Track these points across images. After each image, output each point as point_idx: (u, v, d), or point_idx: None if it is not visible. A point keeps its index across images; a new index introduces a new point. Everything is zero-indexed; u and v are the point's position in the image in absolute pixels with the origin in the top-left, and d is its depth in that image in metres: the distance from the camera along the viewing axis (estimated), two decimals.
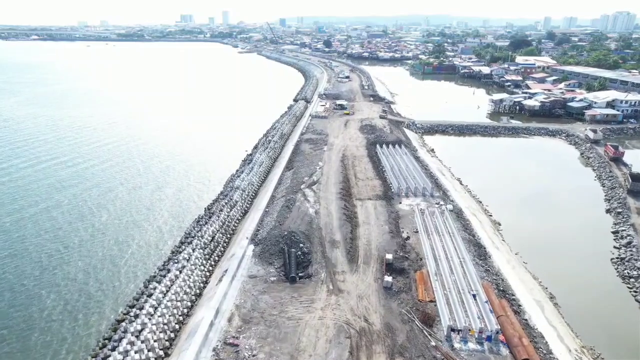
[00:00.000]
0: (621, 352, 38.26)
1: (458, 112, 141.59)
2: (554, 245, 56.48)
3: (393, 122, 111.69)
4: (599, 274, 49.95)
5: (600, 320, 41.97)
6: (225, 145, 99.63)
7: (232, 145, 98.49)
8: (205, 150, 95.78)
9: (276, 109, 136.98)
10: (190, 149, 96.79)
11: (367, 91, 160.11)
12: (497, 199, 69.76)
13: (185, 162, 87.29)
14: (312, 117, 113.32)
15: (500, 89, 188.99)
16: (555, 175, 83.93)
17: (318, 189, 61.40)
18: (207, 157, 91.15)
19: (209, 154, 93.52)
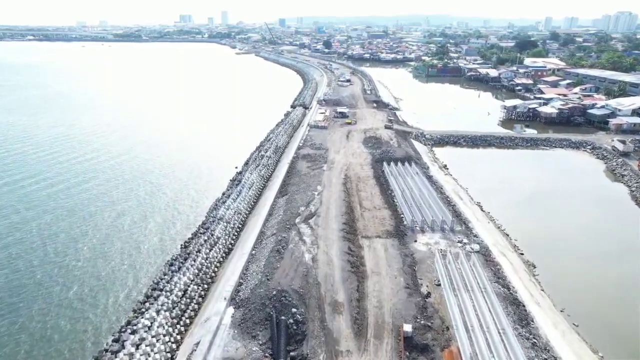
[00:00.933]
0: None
1: (467, 119, 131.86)
2: (603, 295, 46.22)
3: (400, 132, 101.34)
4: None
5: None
6: (217, 159, 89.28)
7: (225, 159, 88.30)
8: (196, 164, 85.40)
9: (272, 116, 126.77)
10: (180, 163, 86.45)
11: (369, 96, 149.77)
12: (525, 229, 59.48)
13: (174, 181, 76.96)
14: (310, 127, 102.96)
15: (510, 93, 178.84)
16: (586, 197, 73.60)
17: (316, 224, 51.04)
18: (197, 172, 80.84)
19: (200, 167, 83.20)
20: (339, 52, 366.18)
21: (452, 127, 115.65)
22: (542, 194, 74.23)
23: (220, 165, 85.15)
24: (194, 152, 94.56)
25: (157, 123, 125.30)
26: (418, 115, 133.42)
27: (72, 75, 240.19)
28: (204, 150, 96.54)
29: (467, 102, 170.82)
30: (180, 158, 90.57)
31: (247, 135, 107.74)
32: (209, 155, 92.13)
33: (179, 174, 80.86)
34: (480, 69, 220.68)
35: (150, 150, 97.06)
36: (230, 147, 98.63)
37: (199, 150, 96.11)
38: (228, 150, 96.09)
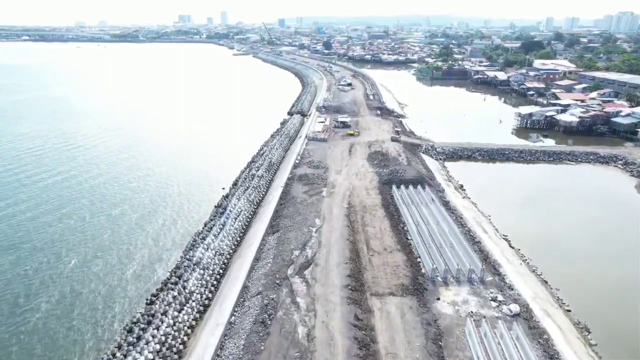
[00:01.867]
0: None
1: (478, 128, 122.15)
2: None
3: (408, 145, 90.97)
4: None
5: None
6: (206, 177, 78.89)
7: (213, 176, 77.99)
8: (183, 184, 75.03)
9: (267, 124, 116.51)
10: (167, 183, 76.10)
11: (372, 102, 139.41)
12: (564, 273, 49.30)
13: (158, 206, 66.61)
14: (308, 140, 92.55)
15: (521, 98, 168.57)
16: (627, 224, 63.23)
17: (313, 277, 40.69)
18: (184, 194, 70.48)
19: (187, 188, 72.81)
20: (339, 53, 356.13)
21: (463, 137, 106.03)
22: (575, 223, 63.80)
23: (208, 185, 74.87)
24: (182, 170, 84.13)
25: (140, 134, 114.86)
26: (425, 123, 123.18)
27: (61, 78, 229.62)
28: (193, 168, 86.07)
29: (475, 107, 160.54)
30: (167, 176, 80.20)
31: (238, 148, 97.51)
32: (198, 173, 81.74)
33: (165, 196, 70.50)
34: (487, 71, 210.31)
35: (133, 171, 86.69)
36: (219, 162, 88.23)
37: (187, 169, 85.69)
38: (217, 166, 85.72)
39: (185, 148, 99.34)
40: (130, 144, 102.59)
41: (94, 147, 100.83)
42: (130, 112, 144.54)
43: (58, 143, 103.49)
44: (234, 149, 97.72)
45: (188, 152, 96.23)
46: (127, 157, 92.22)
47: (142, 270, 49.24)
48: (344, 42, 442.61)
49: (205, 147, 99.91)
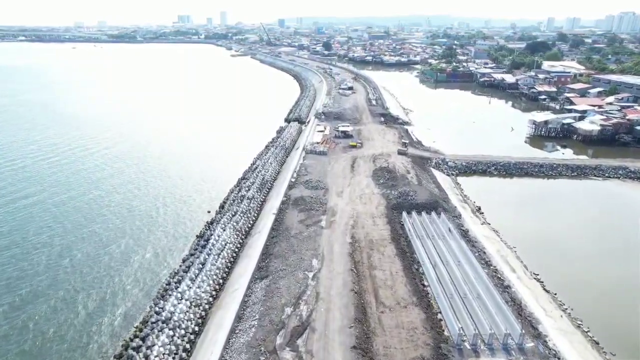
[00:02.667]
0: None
1: (489, 136, 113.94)
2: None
3: (416, 159, 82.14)
4: None
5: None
6: (192, 199, 70.09)
7: (201, 197, 69.21)
8: (166, 210, 66.22)
9: (263, 133, 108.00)
10: (149, 208, 67.28)
11: (375, 108, 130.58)
12: (614, 325, 40.71)
13: (136, 237, 57.78)
14: (306, 153, 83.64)
15: (531, 103, 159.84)
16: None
17: (308, 350, 31.81)
18: (166, 222, 61.68)
19: (169, 213, 64.01)
20: (339, 54, 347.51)
21: (474, 147, 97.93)
22: (610, 251, 55.01)
23: (195, 206, 66.11)
24: (168, 187, 75.34)
25: (126, 144, 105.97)
26: (432, 131, 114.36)
27: (47, 80, 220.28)
28: (179, 184, 77.24)
29: (483, 110, 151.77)
30: (150, 198, 71.39)
31: (230, 161, 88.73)
32: (185, 190, 72.90)
33: (145, 227, 61.71)
34: (494, 74, 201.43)
35: (111, 194, 77.86)
36: (209, 176, 79.32)
37: (174, 186, 76.85)
38: (207, 181, 76.84)
39: (173, 161, 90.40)
40: (117, 154, 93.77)
41: (66, 163, 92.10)
42: (114, 116, 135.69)
43: (36, 156, 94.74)
44: (225, 162, 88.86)
45: (176, 165, 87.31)
46: (112, 174, 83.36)
47: (103, 326, 40.42)
48: (344, 43, 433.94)
49: (195, 161, 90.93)
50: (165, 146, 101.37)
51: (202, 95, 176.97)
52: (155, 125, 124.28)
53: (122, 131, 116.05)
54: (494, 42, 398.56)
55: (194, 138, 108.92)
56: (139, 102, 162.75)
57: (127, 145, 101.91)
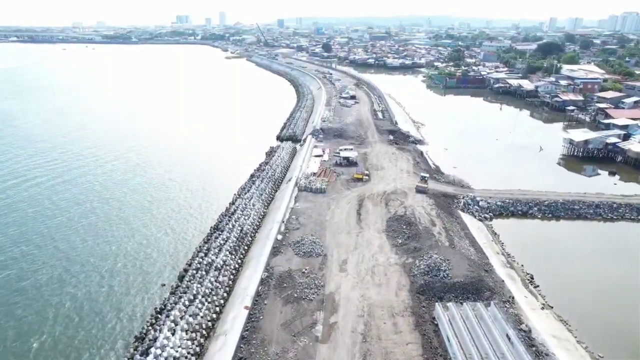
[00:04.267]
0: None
1: (516, 157, 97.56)
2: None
3: (439, 198, 64.52)
4: None
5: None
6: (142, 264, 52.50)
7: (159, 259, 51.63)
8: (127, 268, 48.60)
9: (251, 154, 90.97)
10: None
11: (383, 122, 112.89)
12: None
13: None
14: (299, 191, 65.86)
15: (555, 113, 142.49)
16: None
17: None
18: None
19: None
20: (339, 56, 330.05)
21: (501, 172, 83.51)
22: None
23: (154, 273, 48.53)
24: (116, 251, 57.71)
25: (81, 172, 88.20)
26: (450, 152, 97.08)
27: (26, 85, 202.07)
28: (132, 246, 59.61)
29: (500, 121, 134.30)
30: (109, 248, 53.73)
31: (206, 196, 71.14)
32: (139, 253, 55.27)
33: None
34: (509, 79, 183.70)
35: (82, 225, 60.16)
36: (177, 226, 61.66)
37: (124, 246, 59.22)
38: (172, 234, 59.21)
39: (132, 203, 72.75)
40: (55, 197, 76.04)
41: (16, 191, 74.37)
42: (57, 138, 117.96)
43: None
44: (199, 200, 71.17)
45: (135, 208, 69.67)
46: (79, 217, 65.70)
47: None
48: (344, 44, 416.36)
49: (162, 203, 73.29)
50: (125, 187, 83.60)
51: (187, 106, 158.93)
52: (127, 144, 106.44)
53: (64, 165, 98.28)
54: (500, 44, 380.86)
55: (171, 166, 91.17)
56: (96, 121, 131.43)
57: (74, 190, 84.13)
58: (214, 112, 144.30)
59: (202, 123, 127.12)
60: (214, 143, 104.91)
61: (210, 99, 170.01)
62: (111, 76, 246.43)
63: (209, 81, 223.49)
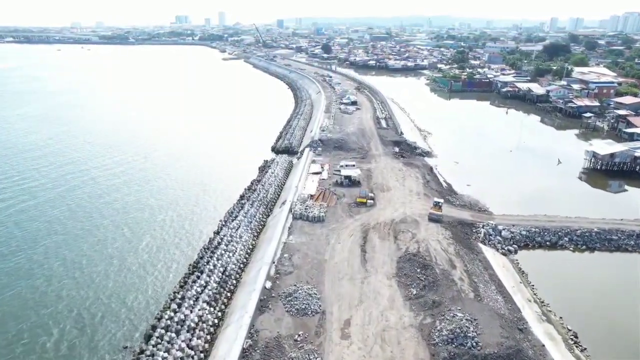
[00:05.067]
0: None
1: (533, 170, 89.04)
2: None
3: (456, 228, 55.77)
4: None
5: None
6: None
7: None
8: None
9: (241, 170, 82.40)
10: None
11: (387, 132, 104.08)
12: None
13: None
14: (294, 219, 57.08)
15: (568, 119, 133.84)
16: None
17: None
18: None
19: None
20: (339, 57, 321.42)
21: (520, 190, 75.57)
22: None
23: (119, 327, 39.80)
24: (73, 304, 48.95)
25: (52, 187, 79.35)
26: (462, 166, 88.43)
27: (9, 90, 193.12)
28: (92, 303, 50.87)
29: (507, 126, 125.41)
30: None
31: (191, 221, 62.41)
32: (99, 309, 46.54)
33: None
34: (518, 83, 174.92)
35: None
36: (153, 268, 52.93)
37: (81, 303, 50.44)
38: (148, 279, 50.48)
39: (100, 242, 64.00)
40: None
41: None
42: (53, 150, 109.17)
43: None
44: (184, 224, 62.47)
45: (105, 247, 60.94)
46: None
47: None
48: (344, 45, 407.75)
49: (136, 242, 64.58)
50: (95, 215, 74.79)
51: (177, 113, 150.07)
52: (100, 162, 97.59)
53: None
54: (504, 45, 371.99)
55: (152, 183, 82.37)
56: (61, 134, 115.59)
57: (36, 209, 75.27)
58: (206, 119, 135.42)
59: (192, 133, 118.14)
60: (205, 155, 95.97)
61: (203, 105, 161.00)
62: (100, 78, 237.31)
63: (203, 84, 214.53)
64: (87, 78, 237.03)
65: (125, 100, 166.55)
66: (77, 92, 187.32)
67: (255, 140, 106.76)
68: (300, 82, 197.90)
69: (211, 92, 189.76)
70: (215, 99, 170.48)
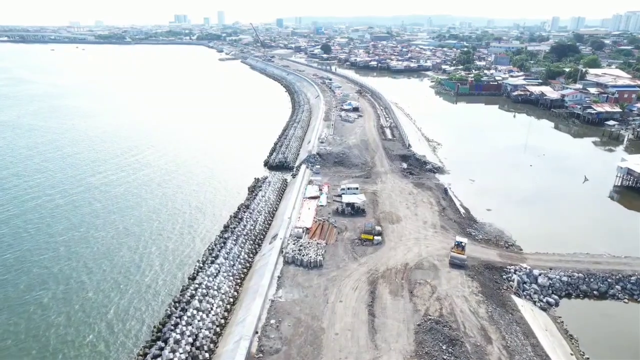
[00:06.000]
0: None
1: (559, 190, 78.49)
2: None
3: (483, 275, 45.49)
4: None
5: None
6: None
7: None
8: None
9: (227, 190, 72.27)
10: None
11: (393, 144, 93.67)
12: None
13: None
14: (285, 263, 46.72)
15: (588, 127, 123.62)
16: None
17: None
18: None
19: None
20: (339, 57, 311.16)
21: (549, 218, 64.86)
22: None
23: None
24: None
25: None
26: (479, 184, 78.29)
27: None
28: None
29: (523, 137, 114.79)
30: None
31: (162, 266, 52.03)
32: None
33: None
34: (530, 86, 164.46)
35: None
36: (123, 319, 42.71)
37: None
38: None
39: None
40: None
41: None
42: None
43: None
44: (155, 270, 52.21)
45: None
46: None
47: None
48: (344, 45, 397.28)
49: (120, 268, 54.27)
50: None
51: (163, 119, 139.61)
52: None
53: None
54: (509, 45, 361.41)
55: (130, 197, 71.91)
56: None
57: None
58: (194, 127, 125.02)
59: (178, 144, 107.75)
60: (190, 174, 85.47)
61: (191, 111, 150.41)
62: (86, 81, 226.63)
63: (195, 87, 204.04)
64: (74, 81, 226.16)
65: (106, 110, 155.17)
66: (60, 96, 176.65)
67: (246, 153, 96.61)
68: (298, 85, 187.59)
69: (202, 96, 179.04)
70: (206, 105, 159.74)
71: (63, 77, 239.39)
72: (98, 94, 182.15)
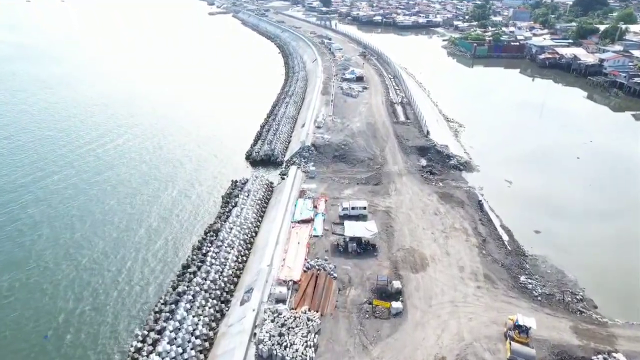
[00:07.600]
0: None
1: (618, 198, 61.27)
2: None
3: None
4: None
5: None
6: None
7: None
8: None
9: (203, 192, 55.93)
10: None
11: (407, 130, 75.09)
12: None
13: None
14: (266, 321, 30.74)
15: (631, 99, 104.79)
16: None
17: None
18: None
19: None
20: (340, 11, 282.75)
21: (619, 243, 48.95)
22: None
23: None
24: None
25: None
26: (518, 187, 61.08)
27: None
28: None
29: (558, 113, 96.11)
30: None
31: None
32: None
33: None
34: (559, 48, 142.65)
35: None
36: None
37: None
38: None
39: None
40: None
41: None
42: None
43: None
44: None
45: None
46: None
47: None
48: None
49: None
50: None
51: (135, 89, 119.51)
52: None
53: None
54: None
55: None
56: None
57: None
58: (169, 102, 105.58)
59: (145, 126, 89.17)
60: (154, 170, 67.86)
61: (169, 79, 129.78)
62: (59, 40, 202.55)
63: (178, 47, 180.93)
64: (45, 39, 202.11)
65: (74, 71, 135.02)
66: (28, 58, 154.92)
67: (228, 136, 78.65)
68: (293, 45, 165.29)
69: (185, 59, 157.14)
70: (186, 72, 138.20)
71: (33, 34, 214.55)
72: (66, 57, 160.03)
